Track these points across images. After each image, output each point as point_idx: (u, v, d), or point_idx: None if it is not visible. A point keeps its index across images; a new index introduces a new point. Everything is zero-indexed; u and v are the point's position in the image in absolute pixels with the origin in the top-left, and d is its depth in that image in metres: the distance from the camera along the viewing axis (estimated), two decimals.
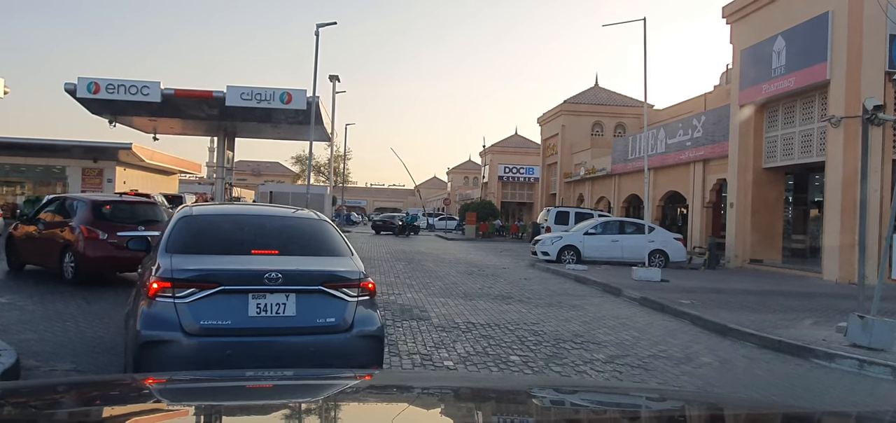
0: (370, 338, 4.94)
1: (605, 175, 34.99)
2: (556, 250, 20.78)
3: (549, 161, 46.26)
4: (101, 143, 36.40)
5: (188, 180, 68.40)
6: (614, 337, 8.92)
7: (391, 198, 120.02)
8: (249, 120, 32.32)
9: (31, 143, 36.62)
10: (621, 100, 43.46)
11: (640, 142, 30.85)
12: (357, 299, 4.91)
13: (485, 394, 2.19)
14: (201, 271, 4.67)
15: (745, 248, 21.22)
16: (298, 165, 76.87)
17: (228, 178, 36.22)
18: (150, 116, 32.46)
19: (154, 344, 4.45)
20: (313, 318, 4.76)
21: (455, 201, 73.83)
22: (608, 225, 21.81)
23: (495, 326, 9.40)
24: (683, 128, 26.51)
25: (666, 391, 4.12)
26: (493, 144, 65.08)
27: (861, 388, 6.88)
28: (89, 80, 27.82)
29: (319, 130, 31.92)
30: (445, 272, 17.30)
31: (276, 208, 6.90)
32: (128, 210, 11.92)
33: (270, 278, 4.63)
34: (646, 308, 11.66)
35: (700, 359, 7.79)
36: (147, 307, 4.55)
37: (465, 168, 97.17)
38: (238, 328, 4.58)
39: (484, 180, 65.43)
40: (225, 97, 28.48)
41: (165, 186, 45.20)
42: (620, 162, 32.91)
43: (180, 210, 5.82)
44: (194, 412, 1.80)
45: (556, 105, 43.73)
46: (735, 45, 21.91)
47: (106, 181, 38.31)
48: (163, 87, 28.24)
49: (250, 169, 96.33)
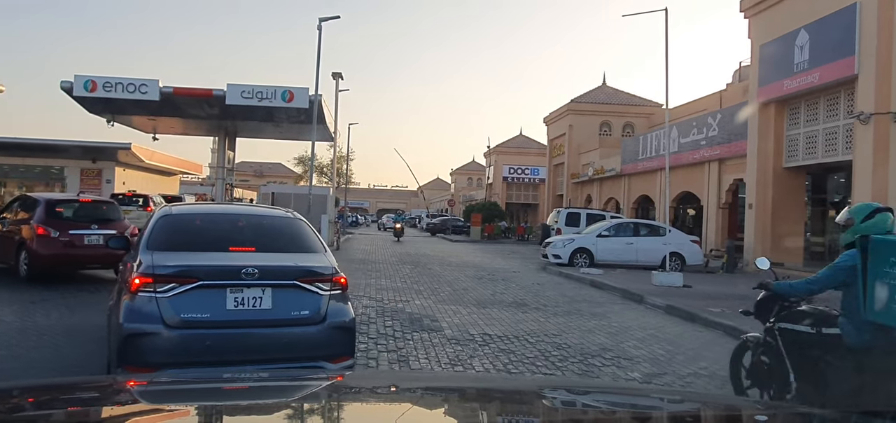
0: (342, 329, 5.20)
1: (615, 176, 34.17)
2: (569, 252, 19.98)
3: (555, 161, 45.43)
4: (99, 143, 35.70)
5: (190, 181, 67.78)
6: (646, 351, 8.12)
7: (394, 199, 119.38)
8: (250, 119, 31.53)
9: (29, 143, 35.96)
10: (630, 99, 42.62)
11: (651, 141, 30.05)
12: (330, 293, 5.14)
13: (461, 392, 2.20)
14: (181, 267, 4.86)
15: (764, 251, 20.32)
16: (301, 166, 76.05)
17: (229, 178, 35.45)
18: (150, 116, 31.67)
19: (137, 336, 4.65)
20: (288, 311, 5.00)
21: (459, 202, 72.99)
22: (622, 227, 21.02)
23: (514, 338, 8.61)
24: (698, 126, 25.68)
25: (675, 391, 3.92)
26: (498, 145, 64.23)
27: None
28: (86, 77, 27.05)
29: (322, 129, 31.13)
30: (454, 277, 16.52)
31: (253, 208, 7.48)
32: (83, 210, 12.00)
33: (247, 273, 4.85)
34: (673, 317, 10.85)
35: None
36: (130, 302, 4.73)
37: (468, 169, 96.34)
38: (217, 321, 4.80)
39: (488, 181, 64.58)
40: (225, 96, 27.69)
41: (166, 186, 44.49)
42: (631, 162, 32.09)
43: (160, 209, 5.98)
44: (173, 413, 1.82)
45: (563, 104, 42.91)
46: (754, 40, 21.09)
47: (105, 182, 37.60)
48: (161, 85, 27.49)
49: (253, 170, 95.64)
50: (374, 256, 23.44)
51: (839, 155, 18.01)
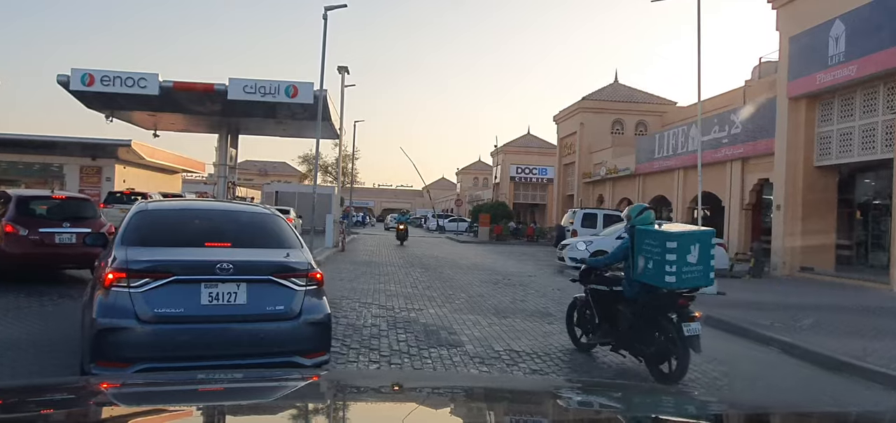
0: (317, 325, 5.16)
1: (628, 175, 33.10)
2: (587, 255, 18.87)
3: (565, 161, 44.35)
4: (99, 139, 34.82)
5: (194, 180, 66.93)
6: (699, 373, 7.07)
7: (399, 199, 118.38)
8: (253, 115, 30.58)
9: (27, 139, 35.02)
10: (642, 96, 41.51)
11: (667, 140, 28.95)
12: (305, 288, 5.12)
13: (468, 391, 2.24)
14: (155, 262, 4.82)
15: (793, 254, 19.29)
16: (305, 165, 75.19)
17: (232, 176, 34.50)
18: (150, 112, 30.72)
19: (110, 331, 4.60)
20: (263, 306, 4.97)
21: (466, 202, 71.92)
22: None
23: (545, 356, 7.59)
24: (719, 124, 24.57)
25: (672, 391, 4.05)
26: (505, 144, 63.16)
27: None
28: (83, 71, 26.12)
29: (327, 126, 30.13)
30: (467, 281, 15.49)
31: (231, 204, 7.27)
32: (56, 207, 11.49)
33: (222, 268, 4.83)
34: (719, 331, 9.77)
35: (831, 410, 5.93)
36: (103, 297, 4.69)
37: (474, 169, 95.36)
38: (190, 316, 4.76)
39: (495, 181, 63.51)
40: (227, 91, 26.75)
41: (168, 185, 43.57)
42: (645, 161, 31.01)
43: (136, 205, 5.97)
44: (147, 415, 1.81)
45: (574, 102, 41.84)
46: (782, 32, 19.99)
47: (105, 179, 36.75)
48: (161, 79, 26.55)
49: (257, 169, 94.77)
50: (380, 258, 22.43)
51: (878, 153, 16.91)
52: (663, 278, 6.24)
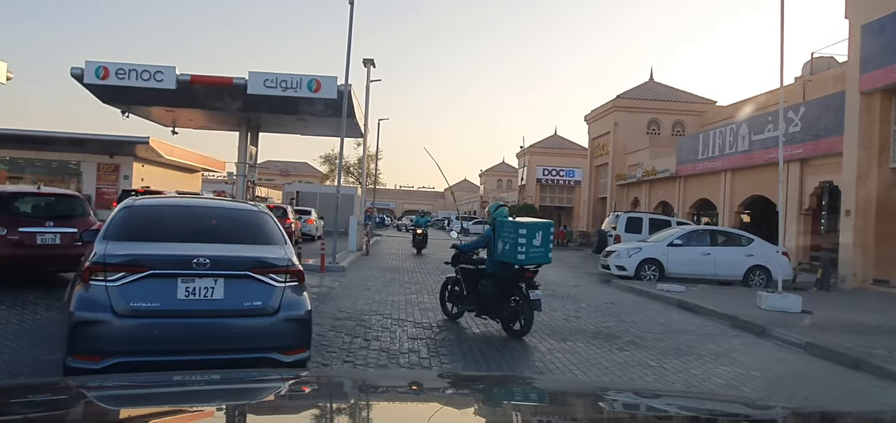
0: (297, 321, 5.10)
1: (668, 177, 31.24)
2: (635, 264, 17.23)
3: (597, 162, 42.51)
4: (116, 136, 33.77)
5: (215, 179, 66.12)
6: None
7: (420, 200, 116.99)
8: (274, 111, 29.26)
9: (44, 136, 34.12)
10: (679, 95, 39.57)
11: (713, 139, 27.07)
12: (284, 285, 5.06)
13: (425, 389, 2.22)
14: (131, 256, 4.82)
15: (866, 265, 17.40)
16: (327, 165, 74.01)
17: (252, 175, 33.24)
18: (167, 107, 29.57)
19: (86, 324, 4.59)
20: (240, 301, 4.92)
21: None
22: (695, 235, 18.17)
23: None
24: (774, 122, 22.65)
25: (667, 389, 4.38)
26: (532, 145, 61.39)
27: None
28: (97, 64, 24.99)
29: (351, 124, 28.70)
30: None
31: (219, 201, 7.55)
32: (39, 204, 10.72)
33: (198, 264, 4.81)
34: (825, 362, 8.08)
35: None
36: (81, 290, 4.71)
37: (498, 171, 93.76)
38: (167, 310, 4.74)
39: (521, 183, 61.79)
40: (246, 85, 25.46)
41: (188, 184, 42.55)
42: (688, 162, 29.14)
43: (124, 201, 5.99)
44: (121, 416, 1.79)
45: (608, 101, 40.01)
46: (852, 20, 18.12)
47: (122, 178, 35.73)
48: (178, 73, 25.33)
49: (278, 169, 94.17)
50: (408, 263, 20.92)
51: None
52: (516, 256, 8.11)
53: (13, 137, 34.57)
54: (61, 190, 12.09)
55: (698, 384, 6.71)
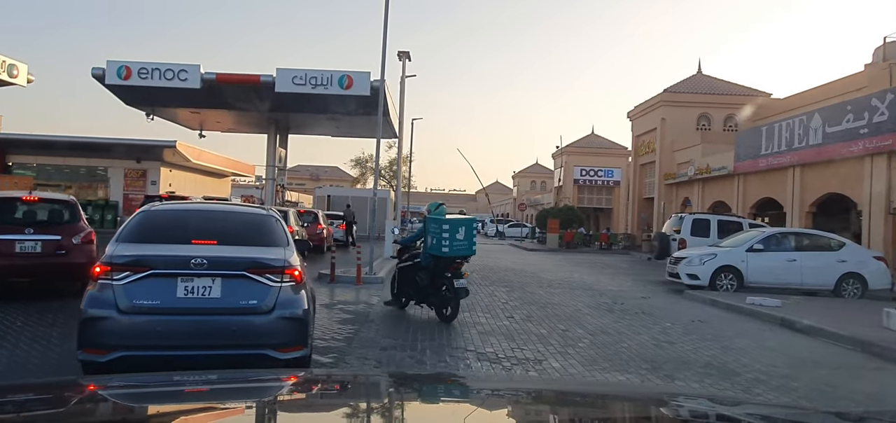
0: (292, 320, 5.25)
1: (725, 175, 28.94)
2: (710, 272, 15.18)
3: (642, 160, 40.21)
4: (143, 141, 32.72)
5: (244, 184, 65.30)
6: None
7: (452, 203, 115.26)
8: (303, 110, 27.83)
9: (71, 142, 33.23)
10: (731, 88, 37.10)
11: (779, 133, 24.76)
12: (280, 284, 5.24)
13: (412, 389, 2.23)
14: (135, 257, 5.12)
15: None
16: (357, 168, 72.75)
17: (281, 179, 31.83)
18: (192, 108, 28.35)
19: (94, 320, 4.94)
20: (237, 300, 5.13)
21: (529, 206, 68.18)
22: (777, 239, 16.04)
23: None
24: (855, 111, 20.36)
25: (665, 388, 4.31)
26: (568, 145, 59.06)
27: None
28: (119, 63, 23.80)
29: (385, 124, 27.06)
30: (571, 306, 12.07)
31: (230, 206, 7.82)
32: (21, 211, 10.01)
33: (197, 264, 5.07)
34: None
35: None
36: (92, 289, 5.08)
37: (531, 172, 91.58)
38: (167, 308, 5.01)
39: (558, 184, 59.51)
40: (274, 82, 24.03)
41: (216, 189, 41.43)
42: (748, 159, 26.82)
43: (144, 206, 6.45)
44: (121, 415, 1.82)
45: (654, 96, 37.75)
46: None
47: (149, 183, 34.66)
48: (203, 71, 24.01)
49: (308, 173, 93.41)
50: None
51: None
52: (441, 249, 9.12)
53: (40, 143, 33.84)
54: (51, 195, 11.34)
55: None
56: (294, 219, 19.02)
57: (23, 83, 24.52)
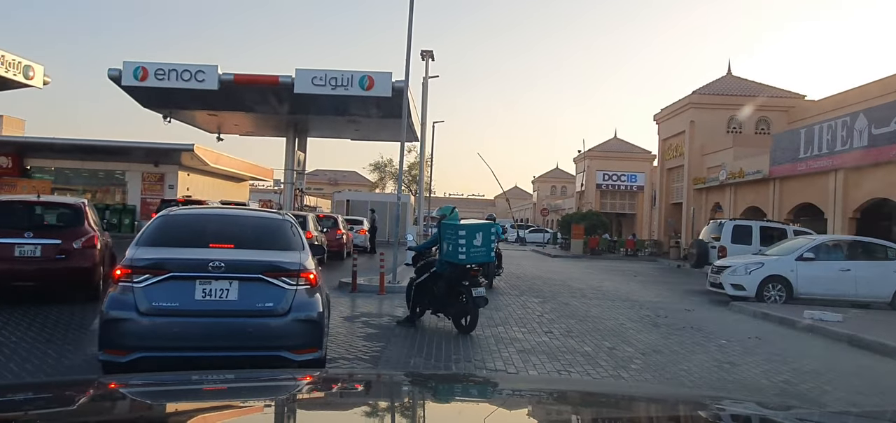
0: (307, 322, 5.35)
1: (759, 179, 27.75)
2: (757, 282, 14.17)
3: (670, 164, 39.03)
4: (161, 144, 32.28)
5: (263, 188, 64.92)
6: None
7: (471, 208, 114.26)
8: (323, 112, 27.17)
9: (89, 145, 32.95)
10: (763, 89, 35.80)
11: (820, 135, 23.57)
12: (296, 287, 5.32)
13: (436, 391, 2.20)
14: (154, 260, 5.26)
15: None
16: (376, 173, 72.15)
17: (300, 183, 31.20)
18: (210, 110, 27.83)
19: (114, 322, 5.09)
20: (253, 302, 5.24)
21: (551, 211, 67.13)
22: (827, 247, 14.99)
23: None
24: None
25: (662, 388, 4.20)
26: (591, 149, 57.94)
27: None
28: (136, 64, 23.33)
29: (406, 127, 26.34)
30: (613, 320, 11.16)
31: (246, 210, 8.44)
32: (22, 213, 9.79)
33: (214, 267, 5.17)
34: None
35: None
36: (113, 291, 5.22)
37: (552, 177, 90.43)
38: (185, 310, 5.13)
39: (580, 188, 58.43)
40: (293, 83, 23.41)
41: (235, 193, 41.00)
42: (786, 162, 25.63)
43: (164, 210, 6.54)
44: (138, 413, 1.86)
45: (682, 98, 36.60)
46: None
47: (167, 187, 34.24)
48: (221, 72, 23.44)
49: (327, 178, 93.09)
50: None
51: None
52: (458, 256, 8.70)
53: (58, 147, 33.58)
54: (56, 199, 11.37)
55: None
56: (313, 224, 18.30)
57: (39, 85, 24.13)
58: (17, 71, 22.66)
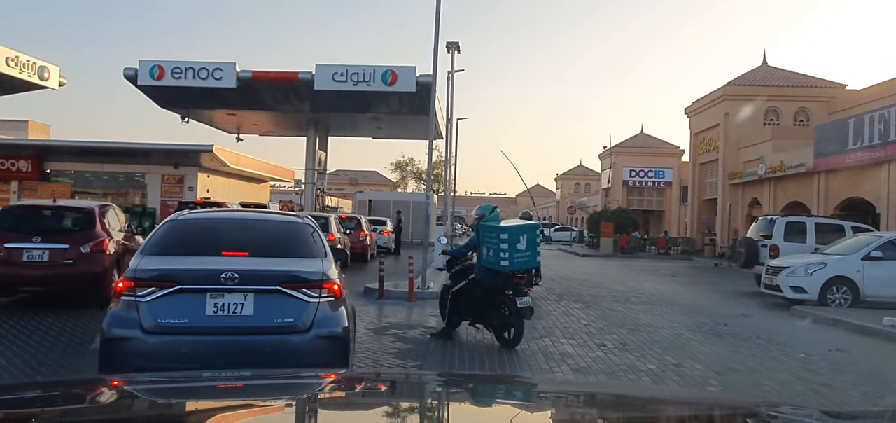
0: (332, 339, 4.86)
1: (803, 173, 26.35)
2: (819, 284, 12.96)
3: (702, 159, 37.59)
4: (180, 146, 31.63)
5: (283, 189, 64.42)
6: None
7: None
8: (344, 109, 26.27)
9: (106, 147, 32.39)
10: (802, 79, 34.32)
11: (870, 125, 22.16)
12: (318, 300, 4.84)
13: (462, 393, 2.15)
14: (160, 271, 4.75)
15: None
16: (397, 172, 71.39)
17: (321, 183, 30.39)
18: (228, 109, 27.13)
19: (116, 341, 4.60)
20: (271, 318, 4.74)
21: (578, 209, 65.82)
22: (894, 244, 13.70)
23: None
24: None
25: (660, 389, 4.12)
26: (617, 145, 56.60)
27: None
28: (152, 63, 22.69)
29: (427, 122, 25.35)
30: (664, 327, 10.11)
31: (263, 214, 7.32)
32: (32, 218, 9.91)
33: (227, 278, 4.65)
34: None
35: None
36: (115, 306, 4.72)
37: (575, 174, 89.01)
38: (195, 327, 4.63)
39: (605, 185, 57.09)
40: (313, 80, 22.57)
41: (255, 194, 40.31)
42: (832, 154, 24.23)
43: (172, 214, 6.10)
44: (152, 412, 1.80)
45: (715, 89, 35.17)
46: None
47: (187, 189, 33.56)
48: (238, 69, 22.67)
49: (347, 178, 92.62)
50: None
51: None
52: (500, 262, 7.70)
53: (78, 150, 33.11)
54: (69, 203, 11.37)
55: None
56: (336, 225, 17.40)
57: (54, 86, 23.59)
58: (31, 72, 22.10)
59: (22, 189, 33.49)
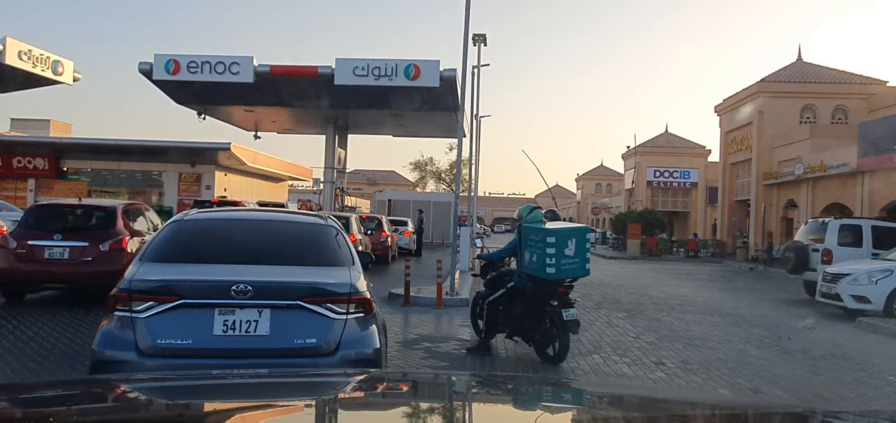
0: (361, 363, 4.13)
1: (845, 173, 25.05)
2: (885, 293, 11.83)
3: (733, 158, 36.25)
4: (197, 143, 31.03)
5: (302, 188, 63.87)
6: None
7: (510, 207, 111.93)
8: (364, 106, 25.42)
9: (124, 145, 31.89)
10: (839, 76, 32.93)
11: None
12: (346, 317, 4.14)
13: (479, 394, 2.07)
14: (160, 282, 4.10)
15: None
16: (416, 172, 70.54)
17: (340, 182, 29.59)
18: (246, 106, 26.40)
19: (106, 365, 3.93)
20: (290, 338, 4.03)
21: (603, 210, 64.53)
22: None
23: None
24: None
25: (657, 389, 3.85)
26: (641, 144, 55.35)
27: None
28: (167, 57, 21.97)
29: (452, 120, 24.39)
30: (721, 341, 9.14)
31: (280, 214, 6.45)
32: (55, 216, 10.01)
33: (238, 291, 3.97)
34: None
35: None
36: (107, 323, 4.09)
37: (596, 174, 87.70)
38: (200, 349, 3.92)
39: (629, 186, 55.81)
40: (333, 74, 21.73)
41: (273, 193, 39.67)
42: (878, 153, 22.94)
43: (177, 215, 5.41)
44: (169, 412, 1.72)
45: (748, 86, 33.85)
46: None
47: (204, 188, 32.98)
48: (256, 63, 21.91)
49: (365, 178, 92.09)
50: None
51: None
52: (545, 269, 6.83)
53: (94, 148, 32.67)
54: (93, 202, 11.45)
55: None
56: (357, 226, 16.55)
57: (69, 81, 22.93)
58: (45, 67, 21.47)
59: (39, 187, 33.09)
